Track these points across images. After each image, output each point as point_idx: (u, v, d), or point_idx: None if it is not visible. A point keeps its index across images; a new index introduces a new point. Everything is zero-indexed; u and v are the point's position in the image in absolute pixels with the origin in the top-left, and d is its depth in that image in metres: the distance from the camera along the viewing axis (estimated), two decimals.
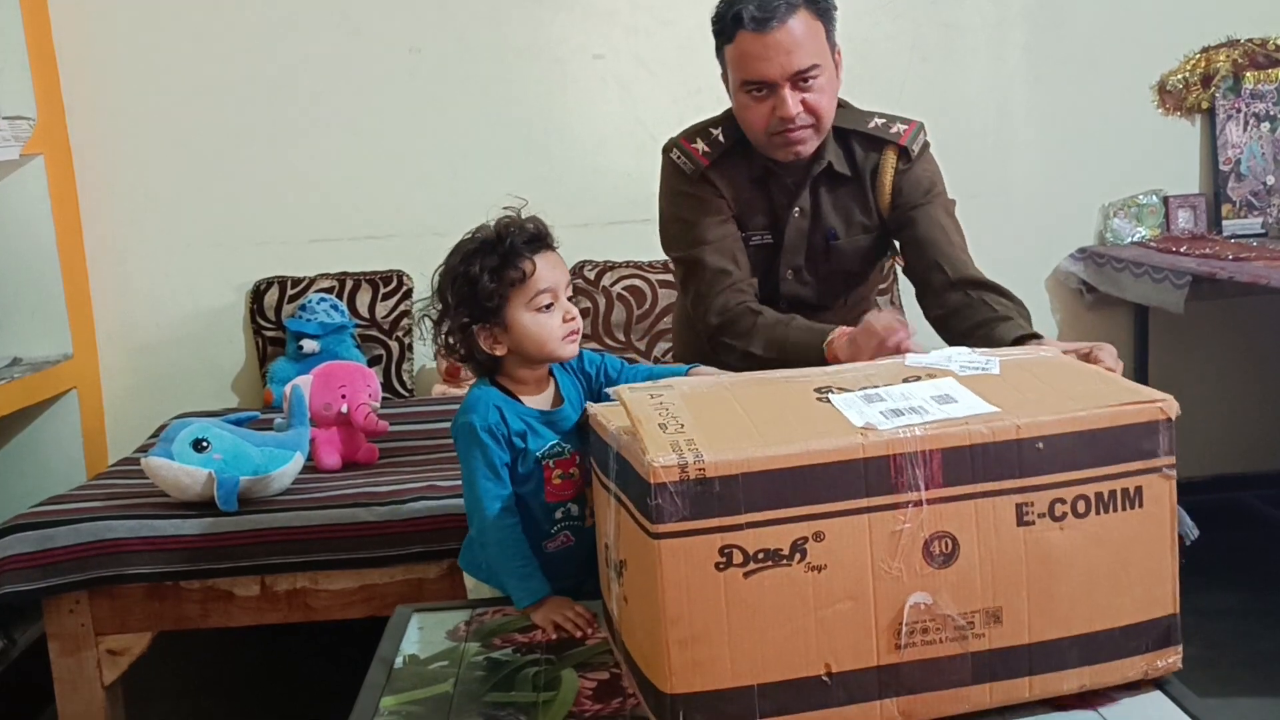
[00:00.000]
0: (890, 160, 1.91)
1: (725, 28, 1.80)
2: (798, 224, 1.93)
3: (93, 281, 3.19)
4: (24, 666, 2.52)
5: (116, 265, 3.21)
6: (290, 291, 3.17)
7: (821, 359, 1.67)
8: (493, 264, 1.56)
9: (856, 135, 1.92)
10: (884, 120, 1.93)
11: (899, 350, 1.49)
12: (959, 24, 3.25)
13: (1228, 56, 3.28)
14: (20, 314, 2.99)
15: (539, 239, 1.60)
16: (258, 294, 3.20)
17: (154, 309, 3.24)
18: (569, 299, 1.62)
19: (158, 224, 3.21)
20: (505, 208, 1.62)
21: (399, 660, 1.47)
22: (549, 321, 1.57)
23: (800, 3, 1.76)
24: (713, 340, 1.89)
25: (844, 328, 1.68)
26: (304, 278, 3.20)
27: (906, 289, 3.18)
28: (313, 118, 3.20)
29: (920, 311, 1.93)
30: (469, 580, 1.75)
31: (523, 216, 1.61)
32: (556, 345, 1.59)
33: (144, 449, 2.67)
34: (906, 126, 1.93)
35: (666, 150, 1.97)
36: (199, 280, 3.23)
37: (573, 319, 1.60)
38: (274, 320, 3.16)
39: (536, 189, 3.36)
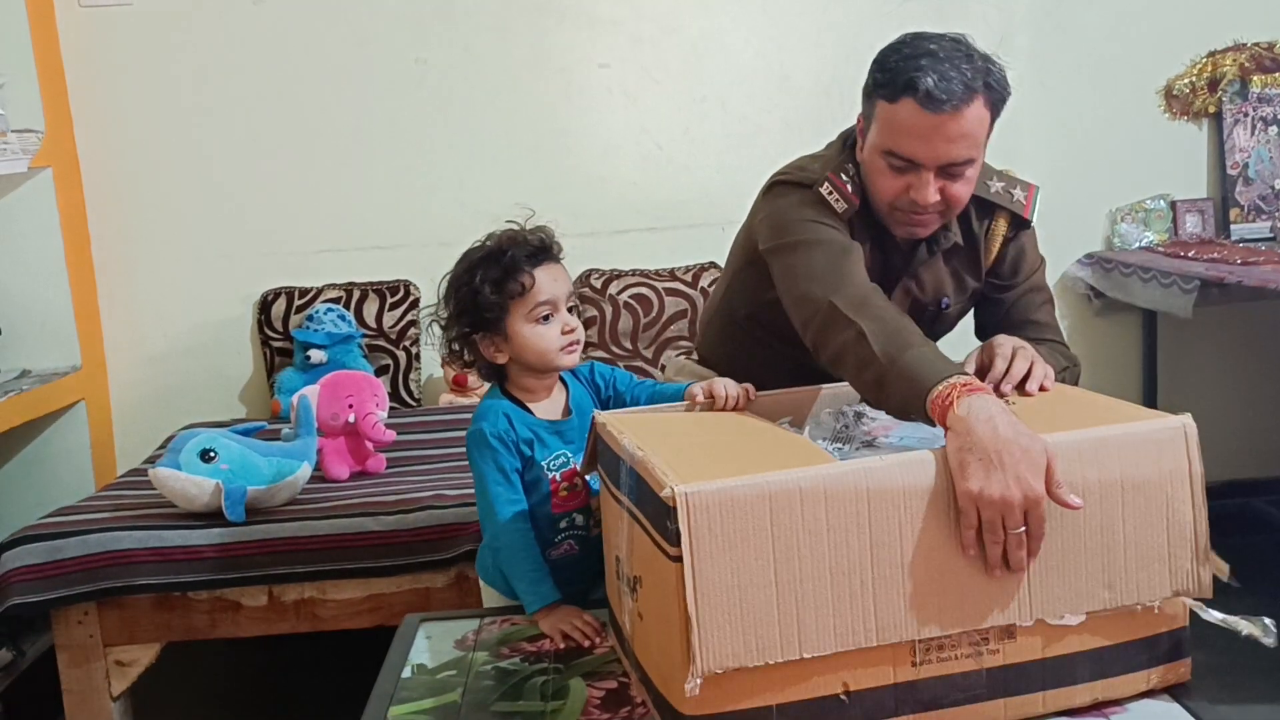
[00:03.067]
0: (1002, 225, 1.76)
1: (893, 86, 1.58)
2: (906, 288, 1.76)
3: (101, 293, 3.20)
4: (33, 678, 2.52)
5: (124, 277, 3.22)
6: (298, 302, 3.18)
7: (922, 405, 1.28)
8: (495, 276, 1.59)
9: (975, 200, 1.72)
10: (1004, 184, 1.76)
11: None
12: (964, 31, 3.25)
13: (1234, 60, 3.27)
14: (29, 326, 3.00)
15: (543, 251, 1.62)
16: (265, 305, 3.20)
17: (162, 320, 3.25)
18: (570, 309, 1.64)
19: (165, 235, 3.22)
20: (509, 221, 1.64)
21: (407, 670, 1.47)
22: (547, 333, 1.60)
23: (980, 90, 1.57)
24: (816, 318, 1.54)
25: (964, 379, 1.27)
26: (311, 288, 3.20)
27: None
28: (319, 129, 3.21)
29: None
30: (486, 590, 1.75)
31: (530, 227, 1.63)
32: (555, 356, 1.61)
33: (152, 460, 2.68)
34: (1026, 193, 1.77)
35: (806, 184, 1.71)
36: (206, 291, 3.24)
37: (571, 330, 1.62)
38: (281, 331, 3.17)
39: (542, 198, 3.38)
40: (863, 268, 1.60)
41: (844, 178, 1.68)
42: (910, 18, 3.24)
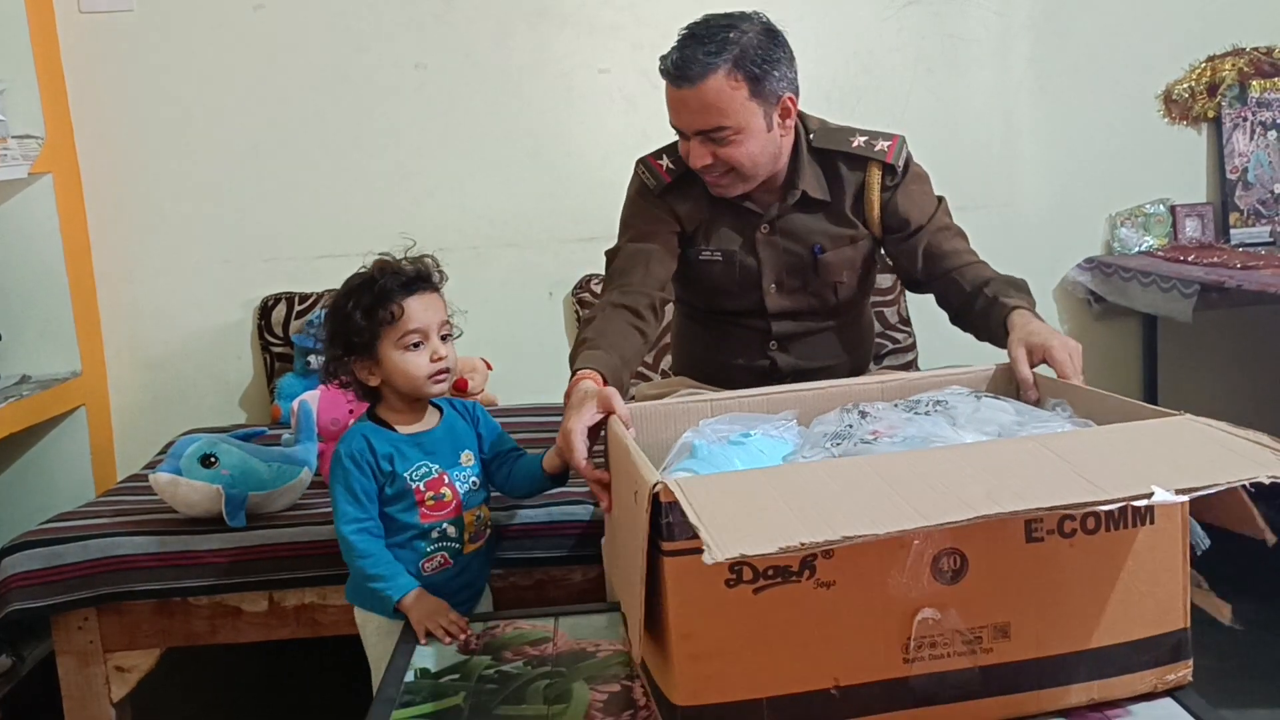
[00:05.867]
0: (875, 177, 1.94)
1: (660, 67, 1.84)
2: (768, 240, 1.97)
3: (101, 299, 3.20)
4: (33, 683, 2.51)
5: (124, 282, 3.22)
6: (298, 307, 3.18)
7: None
8: (366, 303, 1.67)
9: (840, 155, 1.94)
10: (866, 138, 1.94)
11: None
12: (964, 36, 3.26)
13: (1233, 65, 3.28)
14: (29, 331, 3.00)
15: (419, 280, 1.70)
16: (265, 310, 3.20)
17: (162, 326, 3.25)
18: (444, 337, 1.70)
19: (165, 241, 3.22)
20: (382, 252, 1.73)
21: (410, 674, 1.47)
22: (416, 360, 1.67)
23: (721, 63, 1.76)
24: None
25: (580, 374, 1.68)
26: (311, 293, 3.20)
27: (913, 301, 3.18)
28: (319, 134, 3.21)
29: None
30: (359, 614, 1.81)
31: (409, 257, 1.72)
32: (422, 383, 1.68)
33: (152, 465, 2.68)
34: (889, 142, 1.94)
35: (636, 166, 2.04)
36: (207, 297, 3.24)
37: (440, 359, 1.68)
38: (281, 336, 3.17)
39: (543, 203, 3.41)
40: (635, 270, 1.91)
41: (664, 158, 1.99)
42: (909, 23, 3.25)
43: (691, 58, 1.76)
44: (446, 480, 1.72)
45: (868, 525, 0.98)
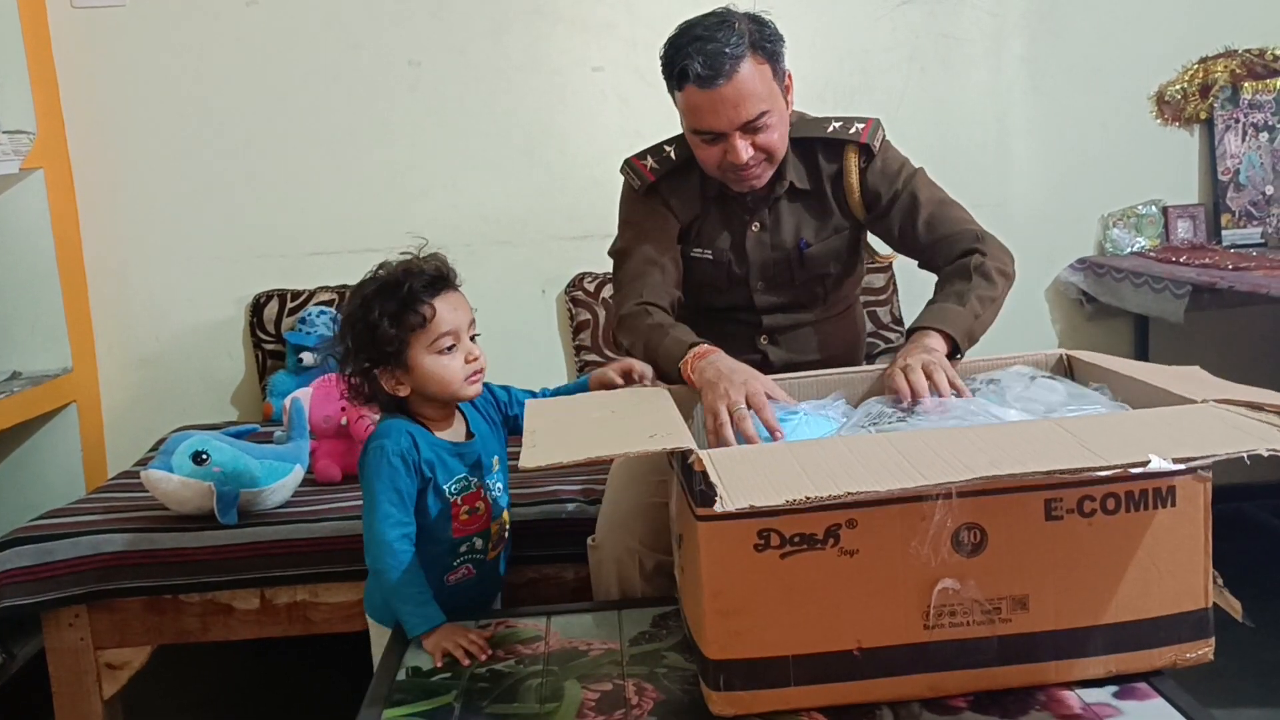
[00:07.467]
0: (852, 160, 1.93)
1: (674, 78, 1.80)
2: (758, 238, 1.97)
3: (92, 295, 3.19)
4: (23, 681, 2.51)
5: (116, 278, 3.21)
6: (290, 305, 3.17)
7: (679, 376, 1.70)
8: (392, 309, 1.57)
9: (818, 142, 1.94)
10: (841, 123, 1.94)
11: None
12: (958, 35, 3.26)
13: (1226, 67, 3.29)
14: (20, 328, 2.99)
15: (441, 280, 1.61)
16: (257, 307, 3.20)
17: (154, 322, 3.24)
18: (474, 337, 1.63)
19: (157, 237, 3.21)
20: (403, 251, 1.63)
21: (401, 672, 1.47)
22: (451, 363, 1.58)
23: (745, 52, 1.75)
24: (616, 332, 1.97)
25: (703, 350, 1.68)
26: (303, 290, 3.20)
27: (905, 301, 3.18)
28: (312, 131, 3.20)
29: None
30: (375, 628, 1.71)
31: (423, 256, 1.63)
32: (460, 387, 1.60)
33: (143, 462, 2.67)
34: (864, 124, 1.94)
35: (622, 169, 2.04)
36: (199, 293, 3.23)
37: (475, 359, 1.60)
38: (273, 333, 3.16)
39: (536, 201, 3.41)
40: (653, 273, 1.91)
41: (648, 158, 2.00)
42: (903, 22, 3.26)
43: (718, 53, 1.73)
44: (482, 493, 1.65)
45: (870, 483, 1.06)
